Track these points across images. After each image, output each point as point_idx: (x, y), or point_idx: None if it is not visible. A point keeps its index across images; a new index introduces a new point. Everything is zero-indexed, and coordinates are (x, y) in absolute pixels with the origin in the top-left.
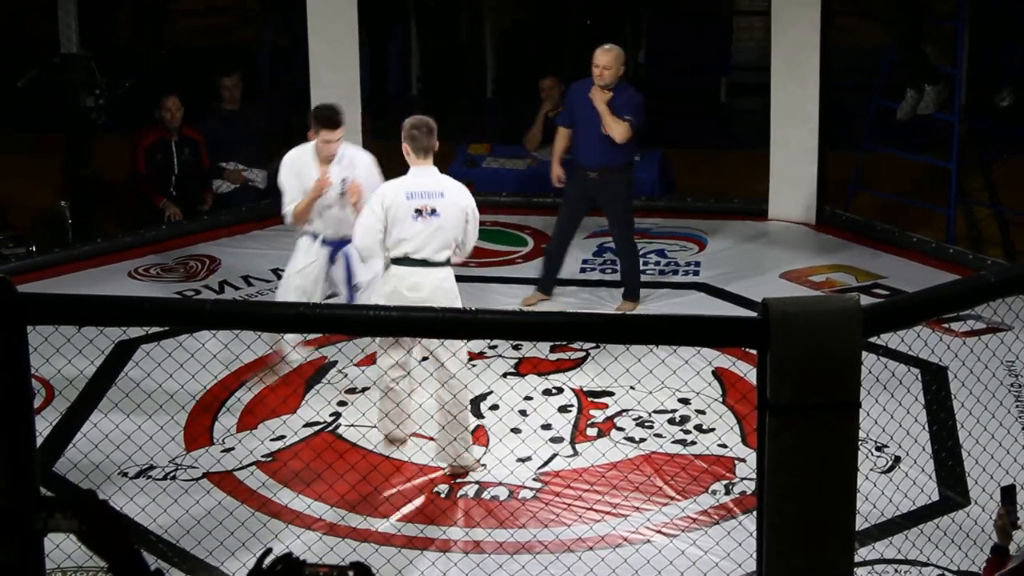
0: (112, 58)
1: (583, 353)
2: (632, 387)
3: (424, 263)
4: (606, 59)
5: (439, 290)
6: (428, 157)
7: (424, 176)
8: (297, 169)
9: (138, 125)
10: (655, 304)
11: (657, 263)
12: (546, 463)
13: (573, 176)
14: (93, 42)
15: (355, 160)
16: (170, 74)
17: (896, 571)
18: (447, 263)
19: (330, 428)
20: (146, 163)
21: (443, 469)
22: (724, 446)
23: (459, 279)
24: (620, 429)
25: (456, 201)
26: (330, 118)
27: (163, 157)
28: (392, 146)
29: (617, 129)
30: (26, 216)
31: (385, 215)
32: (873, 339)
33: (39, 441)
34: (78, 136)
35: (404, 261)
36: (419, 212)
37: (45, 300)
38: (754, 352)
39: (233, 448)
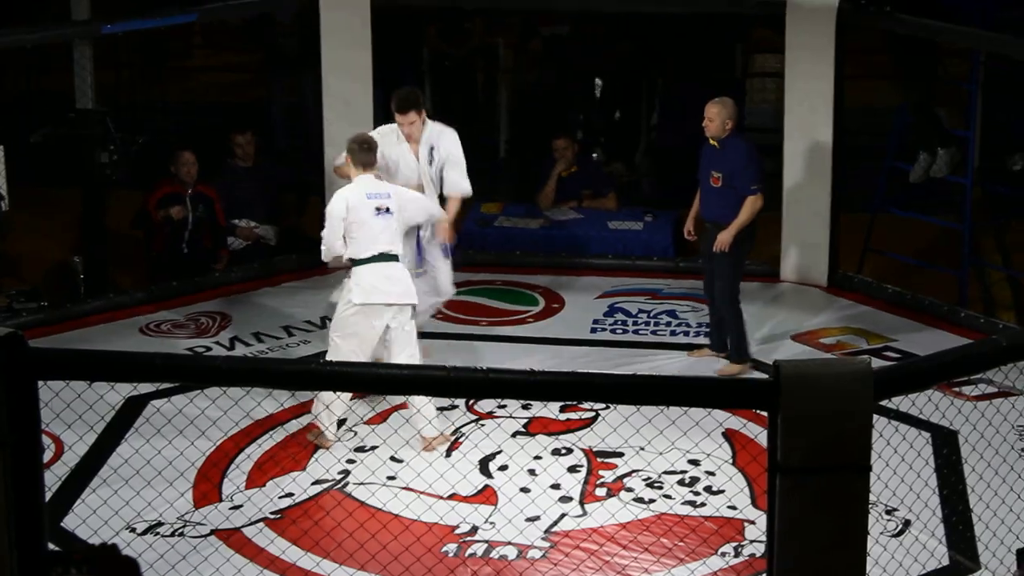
0: (127, 114)
1: (593, 413)
2: (642, 448)
3: (394, 257)
4: (711, 111)
5: (407, 278)
6: (367, 171)
7: (370, 183)
8: (382, 146)
9: (151, 182)
10: (666, 365)
11: (668, 324)
12: (555, 523)
13: (703, 230)
14: (108, 98)
15: (442, 136)
16: (184, 130)
17: None
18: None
19: (339, 486)
20: (160, 218)
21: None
22: (734, 508)
23: (470, 338)
24: (630, 490)
25: (400, 195)
26: (396, 102)
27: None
28: None
29: (749, 211)
30: (38, 271)
31: (347, 217)
32: (884, 402)
33: (48, 496)
34: (92, 191)
35: (378, 258)
36: (378, 210)
37: (56, 355)
38: (765, 414)
39: (242, 505)
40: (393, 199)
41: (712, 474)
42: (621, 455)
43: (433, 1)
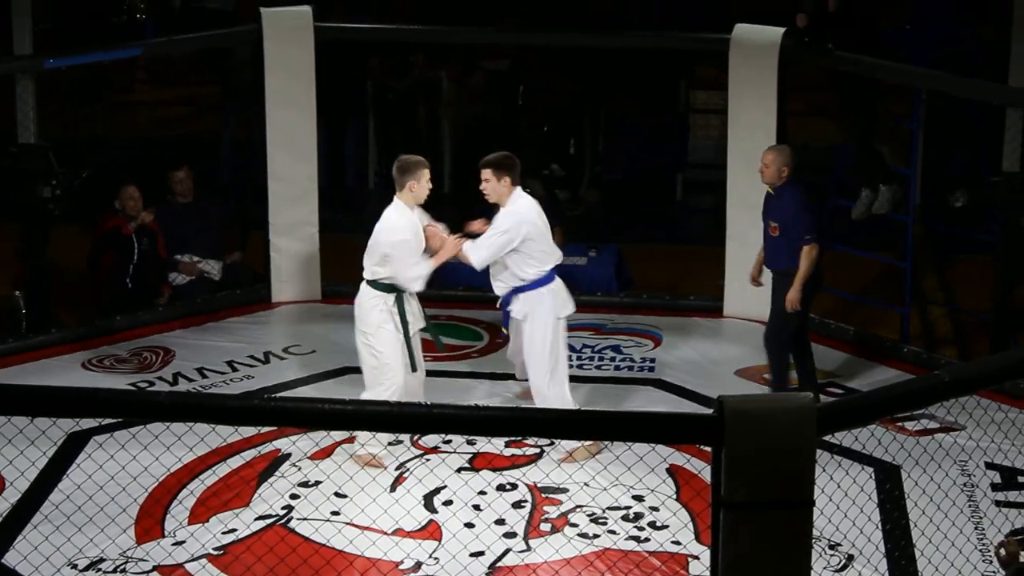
0: (69, 148)
1: (538, 449)
2: (586, 483)
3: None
4: (767, 157)
5: (360, 304)
6: (399, 191)
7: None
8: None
9: (94, 216)
10: (610, 401)
11: (612, 359)
12: (500, 558)
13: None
14: (50, 132)
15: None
16: (127, 165)
17: None
18: (371, 281)
19: (283, 522)
20: (104, 252)
21: None
22: (678, 543)
23: None
24: (574, 525)
25: (377, 229)
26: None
27: (119, 246)
28: (348, 239)
29: (807, 262)
30: None
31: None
32: (827, 437)
33: None
34: (34, 226)
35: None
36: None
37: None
38: (709, 449)
39: (184, 541)
40: None
41: (656, 509)
42: (566, 491)
43: (375, 35)
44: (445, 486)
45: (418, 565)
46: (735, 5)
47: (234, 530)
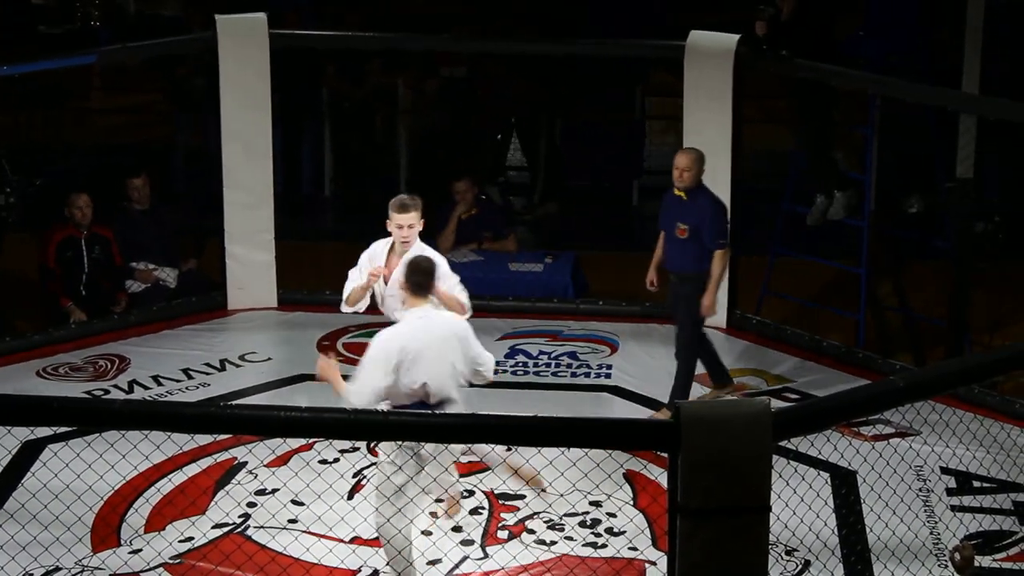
0: (23, 156)
1: None
2: (543, 490)
3: None
4: (685, 161)
5: None
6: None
7: None
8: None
9: (48, 224)
10: (566, 407)
11: (569, 365)
12: (457, 565)
13: (669, 280)
14: (4, 140)
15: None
16: (81, 173)
17: None
18: None
19: (239, 530)
20: (56, 260)
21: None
22: (635, 549)
23: None
24: (531, 532)
25: None
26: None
27: (73, 255)
28: (304, 246)
29: (721, 265)
30: None
31: None
32: (783, 443)
33: None
34: None
35: None
36: None
37: None
38: (665, 455)
39: (141, 550)
40: None
41: (613, 515)
42: (522, 497)
43: (330, 42)
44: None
45: (375, 573)
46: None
47: (191, 539)
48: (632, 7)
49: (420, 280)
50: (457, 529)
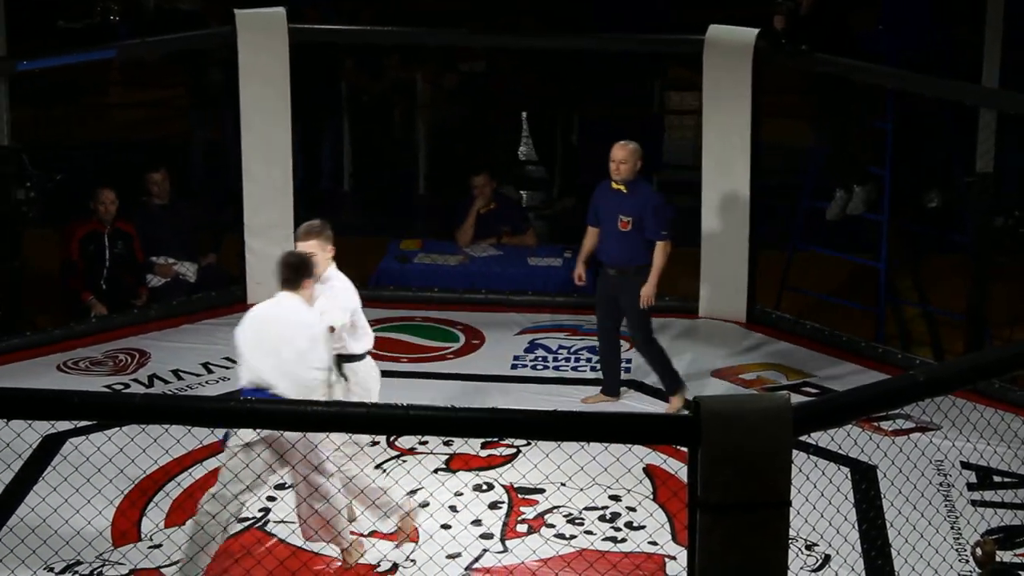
0: (43, 151)
1: (514, 450)
2: (563, 484)
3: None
4: (622, 154)
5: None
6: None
7: None
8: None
9: (68, 219)
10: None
11: (589, 360)
12: (477, 559)
13: (599, 275)
14: (24, 135)
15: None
16: (102, 168)
17: None
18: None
19: (259, 524)
20: (79, 254)
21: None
22: (655, 543)
23: (389, 374)
24: (551, 526)
25: None
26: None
27: (95, 249)
28: None
29: (664, 256)
30: None
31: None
32: (803, 437)
33: None
34: (8, 229)
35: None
36: None
37: None
38: (685, 449)
39: (161, 544)
40: None
41: (633, 510)
42: (542, 491)
43: (349, 37)
44: (422, 487)
45: (395, 567)
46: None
47: None
48: (636, 3)
49: (286, 275)
50: (477, 523)
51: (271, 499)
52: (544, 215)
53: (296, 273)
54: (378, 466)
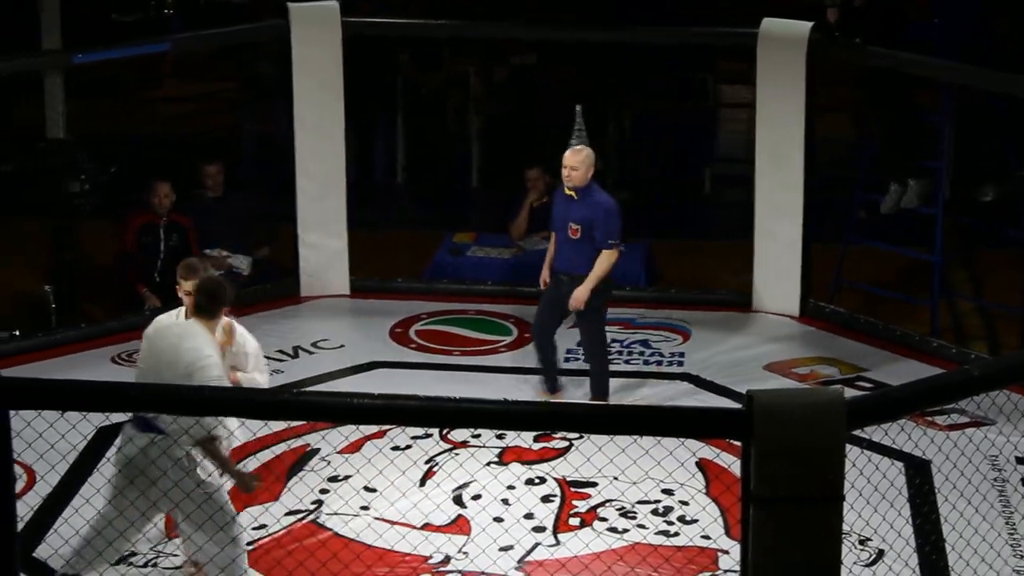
0: (97, 144)
1: (567, 443)
2: (615, 477)
3: None
4: (574, 160)
5: None
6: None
7: None
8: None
9: (122, 211)
10: (639, 395)
11: (641, 353)
12: (529, 552)
13: (554, 279)
14: (78, 127)
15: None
16: (155, 160)
17: None
18: None
19: (312, 516)
20: (135, 245)
21: None
22: (707, 537)
23: (442, 367)
24: (603, 519)
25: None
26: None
27: (150, 241)
28: (376, 233)
29: (605, 265)
30: (9, 301)
31: None
32: (857, 432)
33: (20, 525)
34: (63, 221)
35: None
36: None
37: (28, 385)
38: (738, 444)
39: None
40: None
41: (686, 503)
42: (595, 484)
43: (402, 30)
44: (474, 480)
45: (447, 559)
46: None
47: (264, 525)
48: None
49: (201, 301)
50: (529, 516)
51: (324, 491)
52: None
53: (214, 302)
54: (430, 460)
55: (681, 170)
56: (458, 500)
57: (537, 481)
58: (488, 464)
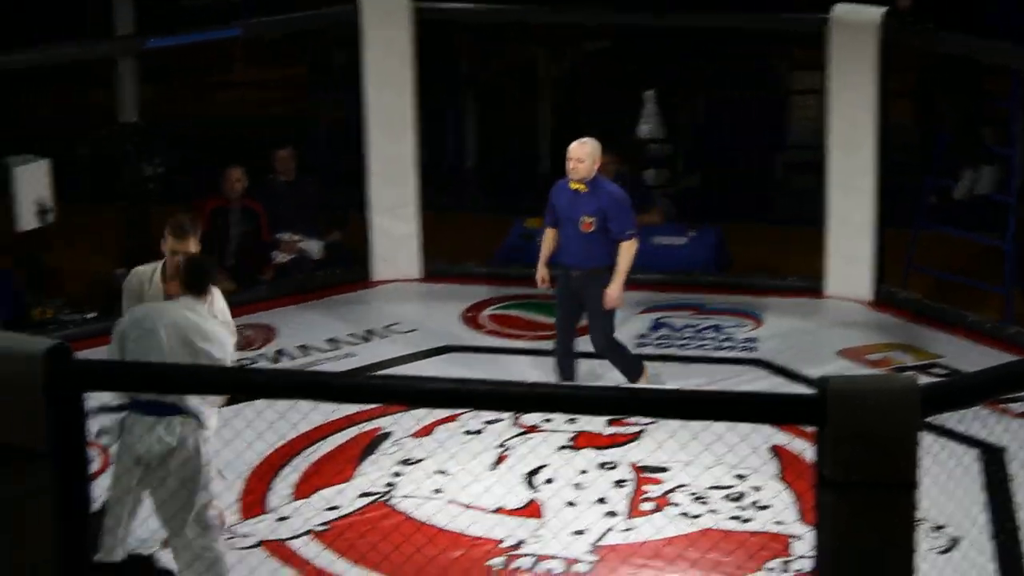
0: (170, 128)
1: (639, 428)
2: (688, 462)
3: None
4: (580, 152)
5: None
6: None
7: None
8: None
9: (194, 195)
10: (711, 380)
11: (713, 338)
12: (601, 537)
13: (560, 276)
14: (151, 112)
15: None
16: (227, 145)
17: None
18: None
19: (385, 499)
20: (207, 229)
21: None
22: (780, 523)
23: (513, 352)
24: (675, 504)
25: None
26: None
27: (222, 225)
28: (447, 217)
29: (629, 256)
30: (83, 283)
31: None
32: (931, 419)
33: (95, 507)
34: (135, 204)
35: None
36: None
37: (102, 367)
38: (811, 429)
39: (288, 517)
40: None
41: (758, 489)
42: (667, 470)
43: (472, 14)
44: (546, 464)
45: (520, 543)
46: None
47: (337, 507)
48: None
49: (190, 280)
50: (602, 501)
51: (397, 474)
52: (669, 193)
53: (204, 279)
54: (502, 444)
55: (753, 156)
56: (530, 484)
57: (609, 466)
58: (560, 448)
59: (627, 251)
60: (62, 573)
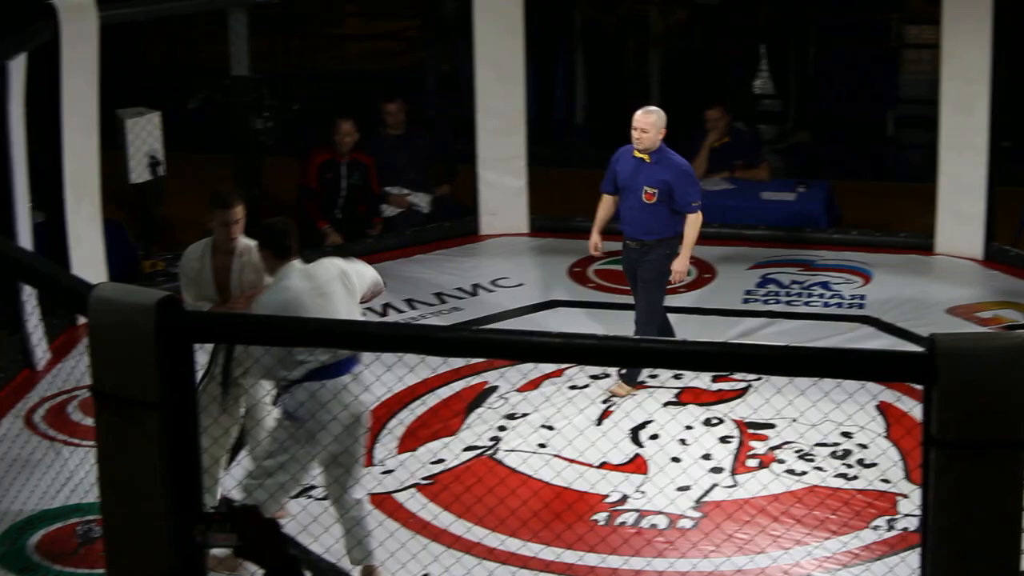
0: (281, 81)
1: (745, 384)
2: (794, 420)
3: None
4: (645, 121)
5: None
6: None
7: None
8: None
9: (305, 148)
10: (819, 337)
11: (821, 295)
12: (706, 493)
13: (623, 247)
14: (263, 65)
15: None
16: (337, 98)
17: None
18: None
19: (490, 452)
20: (317, 181)
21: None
22: (887, 481)
23: (619, 307)
24: (781, 461)
25: None
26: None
27: (332, 178)
28: (556, 172)
29: (695, 229)
30: (194, 235)
31: None
32: None
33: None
34: (246, 157)
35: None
36: None
37: (211, 319)
38: (920, 387)
39: (394, 470)
40: None
41: (865, 447)
42: (773, 426)
43: None
44: (652, 420)
45: (624, 498)
46: None
47: (442, 460)
48: None
49: (280, 241)
50: (707, 457)
51: (502, 428)
52: (778, 149)
53: (286, 240)
54: (608, 399)
55: (864, 111)
56: (635, 440)
57: (715, 422)
58: (666, 404)
59: (693, 224)
60: (175, 520)
